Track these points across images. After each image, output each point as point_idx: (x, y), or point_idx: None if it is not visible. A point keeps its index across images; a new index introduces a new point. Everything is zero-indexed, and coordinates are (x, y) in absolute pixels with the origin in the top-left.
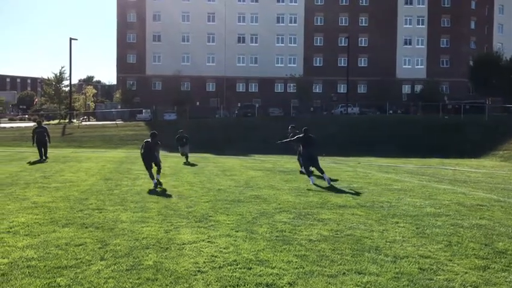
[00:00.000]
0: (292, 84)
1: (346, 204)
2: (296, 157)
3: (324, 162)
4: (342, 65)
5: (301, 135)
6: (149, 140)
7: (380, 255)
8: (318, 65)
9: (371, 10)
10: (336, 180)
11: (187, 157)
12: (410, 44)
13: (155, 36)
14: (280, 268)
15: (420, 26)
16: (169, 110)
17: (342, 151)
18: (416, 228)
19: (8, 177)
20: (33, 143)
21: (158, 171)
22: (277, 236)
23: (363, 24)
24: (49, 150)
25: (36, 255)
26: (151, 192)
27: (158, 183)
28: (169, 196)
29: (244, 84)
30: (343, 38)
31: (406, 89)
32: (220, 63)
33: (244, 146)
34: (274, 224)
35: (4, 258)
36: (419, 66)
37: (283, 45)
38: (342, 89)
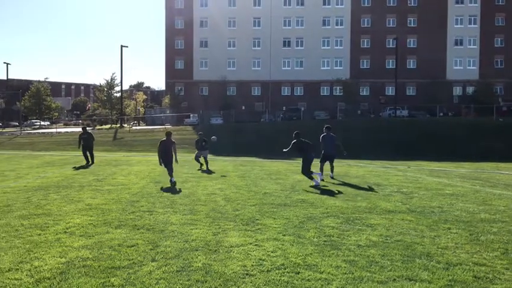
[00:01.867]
0: (338, 87)
1: (395, 210)
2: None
3: (374, 166)
4: (390, 67)
5: (295, 141)
6: (165, 139)
7: (432, 261)
8: (365, 67)
9: (420, 10)
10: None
11: (206, 163)
12: (461, 44)
13: (202, 42)
14: (328, 273)
15: (472, 25)
16: (215, 114)
17: (390, 155)
18: (470, 235)
19: (63, 179)
20: (79, 147)
21: (170, 173)
22: (325, 241)
23: (412, 25)
24: (101, 154)
25: (91, 255)
26: (165, 190)
27: (172, 184)
28: (217, 199)
29: (290, 88)
30: (390, 40)
31: (457, 90)
32: (266, 68)
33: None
34: (321, 229)
35: (62, 258)
36: (471, 67)
37: (329, 48)
38: (390, 91)
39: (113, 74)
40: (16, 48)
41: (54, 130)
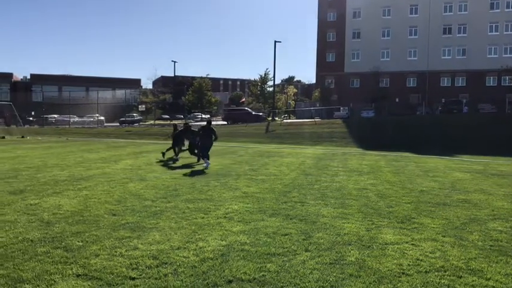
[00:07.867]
0: (508, 77)
1: None
2: None
3: None
4: None
5: (200, 127)
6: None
7: None
8: None
9: None
10: None
11: (180, 151)
12: None
13: (354, 33)
14: (497, 281)
15: None
16: (366, 107)
17: None
18: None
19: (222, 168)
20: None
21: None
22: (491, 245)
23: None
24: (254, 146)
25: (248, 240)
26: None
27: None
28: (369, 194)
29: (450, 79)
30: None
31: None
32: (423, 57)
33: (449, 145)
34: (487, 232)
35: (222, 241)
36: None
37: (497, 33)
38: None
39: (266, 69)
40: (181, 46)
41: (214, 123)
